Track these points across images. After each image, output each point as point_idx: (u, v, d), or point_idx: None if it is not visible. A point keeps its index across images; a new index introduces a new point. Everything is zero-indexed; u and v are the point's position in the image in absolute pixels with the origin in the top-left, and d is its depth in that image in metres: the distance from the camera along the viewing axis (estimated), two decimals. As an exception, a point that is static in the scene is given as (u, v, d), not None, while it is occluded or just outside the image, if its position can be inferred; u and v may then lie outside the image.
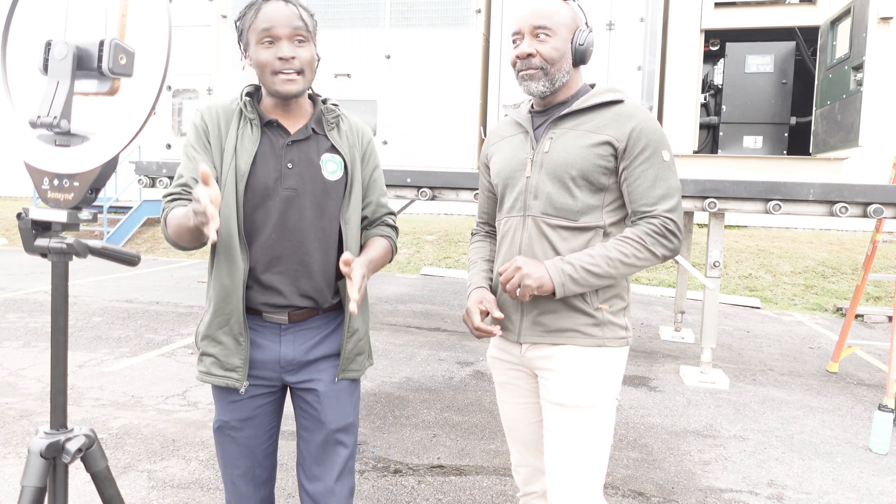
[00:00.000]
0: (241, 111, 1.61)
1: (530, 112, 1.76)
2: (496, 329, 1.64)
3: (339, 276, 1.70)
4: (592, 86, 1.72)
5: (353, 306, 1.45)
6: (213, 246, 1.60)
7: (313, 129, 1.63)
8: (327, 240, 1.65)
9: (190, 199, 1.57)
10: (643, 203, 1.59)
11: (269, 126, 1.60)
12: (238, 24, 1.59)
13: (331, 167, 1.63)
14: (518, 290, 1.57)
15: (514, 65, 1.66)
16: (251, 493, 1.73)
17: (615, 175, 1.62)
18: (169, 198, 1.59)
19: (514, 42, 1.66)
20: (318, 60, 1.62)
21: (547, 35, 1.60)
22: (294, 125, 1.63)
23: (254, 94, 1.66)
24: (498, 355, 1.81)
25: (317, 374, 1.67)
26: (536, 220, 1.65)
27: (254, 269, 1.61)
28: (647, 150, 1.58)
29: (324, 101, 1.69)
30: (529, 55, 1.61)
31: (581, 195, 1.61)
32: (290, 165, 1.59)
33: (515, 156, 1.72)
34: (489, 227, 1.94)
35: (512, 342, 1.73)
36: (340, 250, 1.68)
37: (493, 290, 1.78)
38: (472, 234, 1.96)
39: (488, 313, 1.68)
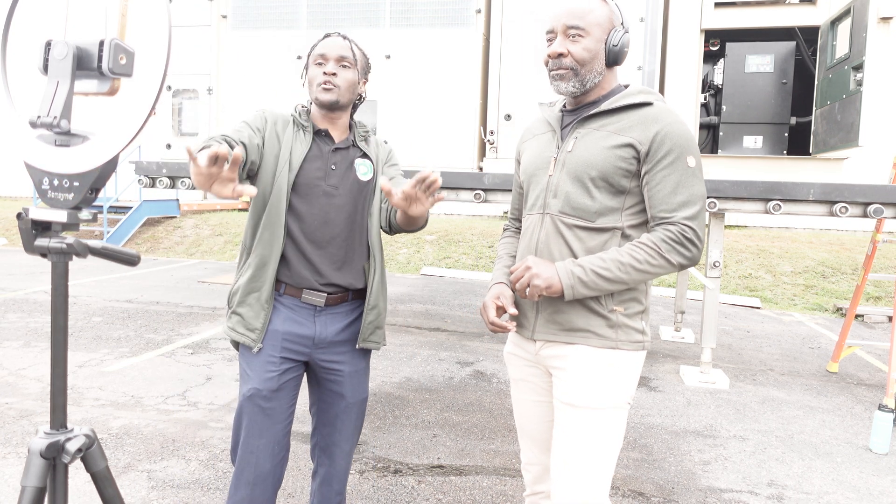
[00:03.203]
0: (294, 120, 1.94)
1: (562, 111, 1.76)
2: (511, 325, 1.65)
3: (365, 261, 2.00)
4: (627, 86, 1.71)
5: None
6: (255, 219, 1.90)
7: (353, 142, 2.00)
8: (360, 231, 1.97)
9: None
10: (662, 209, 1.57)
11: (318, 134, 1.95)
12: (305, 57, 1.98)
13: (363, 169, 1.98)
14: (528, 289, 1.57)
15: (546, 63, 1.66)
16: (269, 469, 1.90)
17: (637, 178, 1.60)
18: (219, 138, 1.78)
19: (548, 41, 1.65)
20: (363, 96, 2.01)
21: (579, 35, 1.59)
22: (338, 136, 1.98)
23: (307, 109, 2.00)
24: (514, 351, 1.81)
25: (341, 356, 1.97)
26: (554, 219, 1.65)
27: (301, 251, 1.90)
28: (670, 155, 1.55)
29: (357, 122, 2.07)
30: (560, 55, 1.61)
31: (600, 196, 1.60)
32: (333, 167, 1.93)
33: (541, 154, 1.73)
34: (519, 224, 1.95)
35: (527, 339, 1.73)
36: (367, 243, 2.00)
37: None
38: (504, 230, 1.97)
39: (506, 310, 1.69)
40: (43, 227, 1.22)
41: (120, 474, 2.93)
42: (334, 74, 1.88)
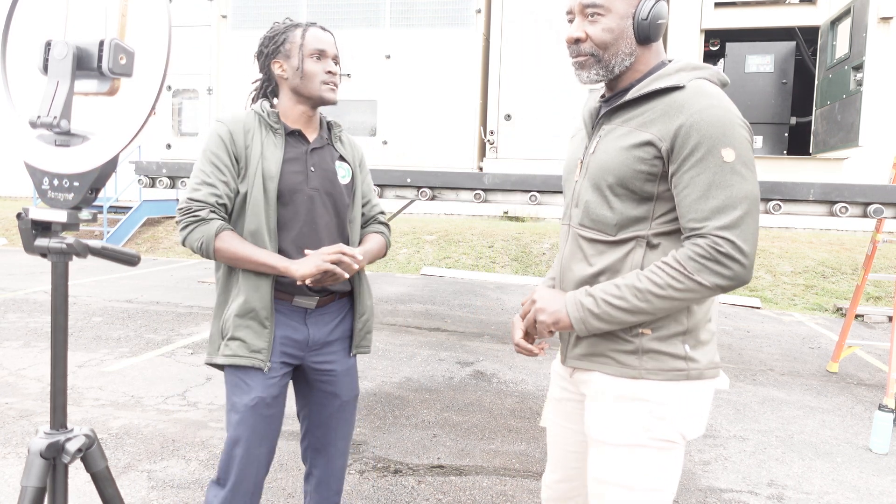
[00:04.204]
0: (261, 121, 1.86)
1: (600, 100, 1.50)
2: (537, 350, 1.48)
3: None
4: (669, 63, 1.42)
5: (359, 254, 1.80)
6: (241, 235, 1.85)
7: (328, 140, 1.95)
8: (342, 234, 1.94)
9: (220, 215, 1.80)
10: (691, 218, 1.28)
11: (290, 135, 1.88)
12: (272, 38, 1.88)
13: (342, 173, 1.94)
14: (536, 325, 1.41)
15: (568, 48, 1.44)
16: (264, 474, 1.88)
17: (666, 181, 1.33)
18: (205, 209, 1.76)
19: (568, 22, 1.44)
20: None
21: (598, 14, 1.34)
22: (311, 134, 1.92)
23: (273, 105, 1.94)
24: (557, 369, 1.64)
25: (332, 356, 1.95)
26: (575, 232, 1.45)
27: (290, 257, 1.82)
28: (698, 150, 1.26)
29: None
30: (578, 40, 1.37)
31: (620, 206, 1.36)
32: (312, 169, 1.87)
33: (573, 155, 1.53)
34: None
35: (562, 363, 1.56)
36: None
37: None
38: None
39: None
40: (43, 227, 1.22)
41: (120, 474, 2.93)
42: (336, 74, 1.87)
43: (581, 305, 1.35)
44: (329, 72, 1.84)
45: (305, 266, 1.73)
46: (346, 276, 1.76)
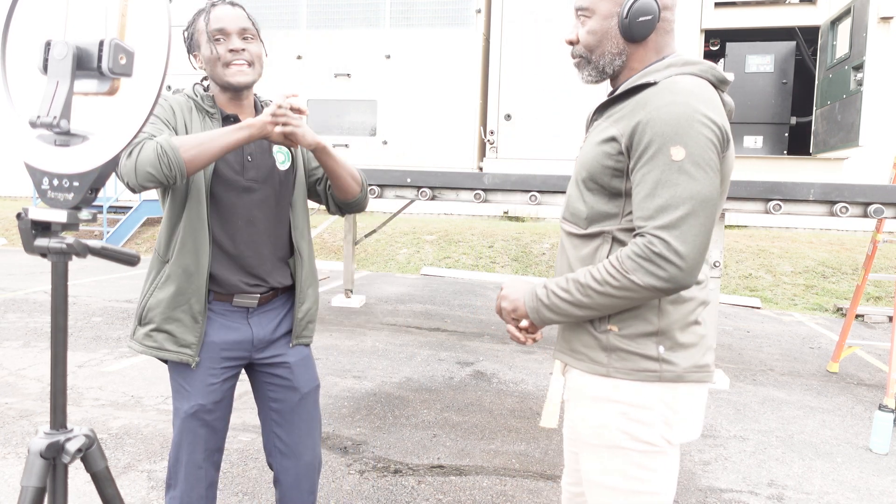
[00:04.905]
0: (196, 105, 1.73)
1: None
2: (525, 338, 1.46)
3: (289, 256, 1.86)
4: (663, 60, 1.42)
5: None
6: (172, 226, 1.72)
7: None
8: (283, 225, 1.82)
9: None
10: (638, 216, 1.26)
11: (226, 121, 1.74)
12: (187, 31, 1.75)
13: (280, 158, 1.79)
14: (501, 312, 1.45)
15: None
16: (212, 476, 1.83)
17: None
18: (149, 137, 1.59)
19: None
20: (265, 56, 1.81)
21: (585, 16, 1.37)
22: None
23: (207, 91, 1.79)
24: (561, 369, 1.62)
25: (282, 349, 1.86)
26: (561, 226, 1.49)
27: (228, 254, 1.74)
28: (650, 147, 1.24)
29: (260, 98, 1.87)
30: (571, 42, 1.41)
31: (591, 200, 1.37)
32: (249, 158, 1.74)
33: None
34: None
35: None
36: (290, 234, 1.85)
37: None
38: None
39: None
40: (43, 227, 1.21)
41: (120, 474, 2.93)
42: (243, 51, 1.68)
43: (535, 295, 1.37)
44: (232, 50, 1.66)
45: (267, 110, 1.58)
46: (303, 109, 1.61)
